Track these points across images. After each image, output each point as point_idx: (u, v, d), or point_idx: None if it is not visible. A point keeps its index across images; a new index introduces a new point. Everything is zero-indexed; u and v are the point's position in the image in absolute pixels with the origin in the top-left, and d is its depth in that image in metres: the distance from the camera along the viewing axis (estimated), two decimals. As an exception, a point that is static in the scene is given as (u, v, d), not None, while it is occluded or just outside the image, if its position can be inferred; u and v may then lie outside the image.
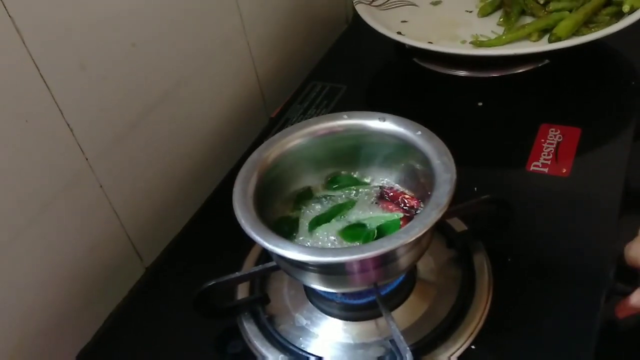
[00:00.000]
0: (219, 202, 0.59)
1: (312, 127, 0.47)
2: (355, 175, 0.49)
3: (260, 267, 0.46)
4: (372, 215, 0.46)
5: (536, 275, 0.49)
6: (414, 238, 0.37)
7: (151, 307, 0.53)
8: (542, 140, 0.61)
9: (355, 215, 0.46)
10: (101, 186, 0.52)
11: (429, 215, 0.38)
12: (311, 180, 0.49)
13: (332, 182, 0.49)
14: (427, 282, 0.48)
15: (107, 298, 0.55)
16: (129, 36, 0.53)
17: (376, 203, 0.47)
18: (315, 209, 0.47)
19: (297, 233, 0.46)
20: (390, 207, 0.47)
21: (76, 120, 0.49)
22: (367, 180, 0.49)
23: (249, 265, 0.52)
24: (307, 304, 0.48)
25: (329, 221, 0.45)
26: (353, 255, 0.37)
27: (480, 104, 0.68)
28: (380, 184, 0.49)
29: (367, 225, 0.45)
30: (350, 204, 0.47)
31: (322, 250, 0.40)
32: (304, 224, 0.46)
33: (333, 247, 0.43)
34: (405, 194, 0.47)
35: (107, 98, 0.52)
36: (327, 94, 0.73)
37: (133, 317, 0.53)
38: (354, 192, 0.48)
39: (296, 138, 0.47)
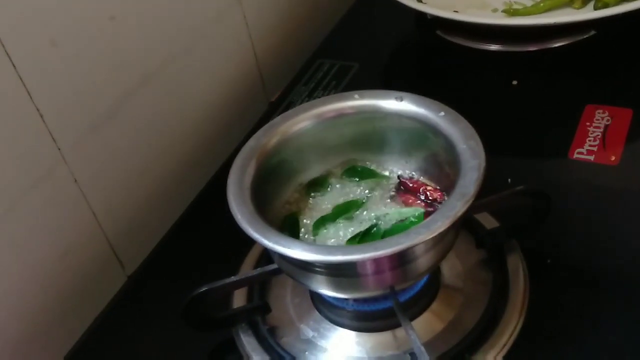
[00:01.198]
0: (212, 198, 0.60)
1: (318, 109, 0.48)
2: (372, 167, 0.50)
3: (260, 270, 0.47)
4: (387, 211, 0.47)
5: (579, 280, 0.49)
6: (436, 233, 0.38)
7: (134, 320, 0.54)
8: (587, 124, 0.61)
9: (367, 212, 0.47)
10: (76, 181, 0.53)
11: (454, 207, 0.39)
12: (317, 170, 0.49)
13: (349, 173, 0.50)
14: (452, 287, 0.49)
15: (83, 310, 0.56)
16: (107, 8, 0.53)
17: (393, 197, 0.48)
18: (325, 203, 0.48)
19: (301, 230, 0.46)
20: (411, 200, 0.47)
21: (47, 105, 0.49)
22: (385, 172, 0.49)
23: (246, 269, 0.52)
24: (314, 313, 0.49)
25: (334, 221, 0.46)
26: (366, 253, 0.37)
27: (514, 82, 0.68)
28: (398, 174, 0.49)
29: (381, 224, 0.45)
30: (358, 203, 0.47)
31: (330, 249, 0.41)
32: (310, 221, 0.47)
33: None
34: (427, 185, 0.48)
35: (82, 79, 0.52)
36: (336, 74, 0.74)
37: (113, 331, 0.54)
38: (371, 187, 0.49)
39: (300, 121, 0.47)
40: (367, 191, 0.48)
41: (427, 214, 0.45)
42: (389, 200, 0.48)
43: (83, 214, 0.55)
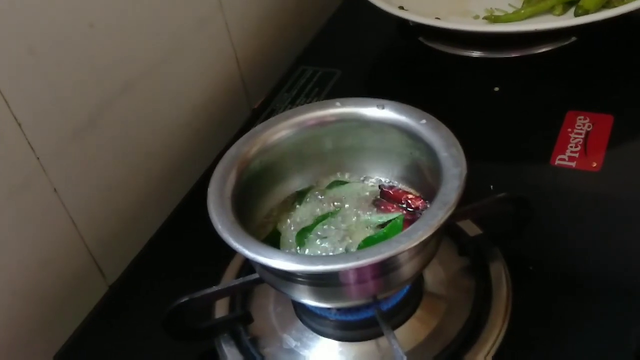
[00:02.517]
0: (194, 206, 0.60)
1: (299, 117, 0.48)
2: (353, 175, 0.50)
3: (242, 280, 0.47)
4: (368, 218, 0.47)
5: (562, 286, 0.49)
6: (417, 242, 0.38)
7: (116, 330, 0.54)
8: (569, 130, 0.61)
9: (347, 221, 0.47)
10: (55, 190, 0.53)
11: (435, 215, 0.39)
12: (299, 178, 0.49)
13: (331, 186, 0.50)
14: (435, 295, 0.49)
15: (64, 321, 0.55)
16: (86, 15, 0.53)
17: (373, 205, 0.47)
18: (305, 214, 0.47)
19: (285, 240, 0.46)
20: (392, 209, 0.47)
21: (25, 114, 0.49)
22: (367, 181, 0.49)
23: (228, 278, 0.52)
24: (297, 322, 0.48)
25: (310, 231, 0.46)
26: (347, 263, 0.37)
27: (496, 89, 0.68)
28: (379, 183, 0.49)
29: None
30: (335, 211, 0.47)
31: (312, 258, 0.40)
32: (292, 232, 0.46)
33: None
34: (408, 193, 0.48)
35: (61, 87, 0.52)
36: (319, 81, 0.74)
37: (95, 341, 0.53)
38: (351, 196, 0.48)
39: (281, 130, 0.47)
40: (347, 201, 0.48)
41: (408, 222, 0.45)
42: (370, 206, 0.48)
43: (63, 223, 0.55)
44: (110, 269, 0.59)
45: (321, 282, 0.41)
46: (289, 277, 0.41)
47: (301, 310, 0.48)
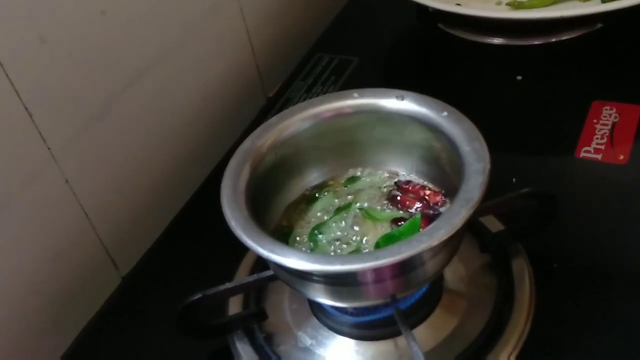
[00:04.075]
0: (208, 197, 0.58)
1: (315, 109, 0.46)
2: (365, 170, 0.49)
3: (256, 276, 0.46)
4: (382, 212, 0.46)
5: (587, 284, 0.48)
6: (439, 242, 0.37)
7: (128, 323, 0.53)
8: (595, 121, 0.59)
9: (360, 216, 0.46)
10: (67, 181, 0.52)
11: (458, 214, 0.37)
12: (314, 172, 0.48)
13: (348, 182, 0.49)
14: (456, 293, 0.48)
15: (76, 313, 0.55)
16: (98, 2, 0.52)
17: (389, 199, 0.46)
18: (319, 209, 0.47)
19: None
20: (408, 202, 0.46)
21: (36, 104, 0.48)
22: (385, 174, 0.48)
23: (242, 274, 0.51)
24: (312, 320, 0.47)
25: (322, 227, 0.45)
26: (365, 263, 0.36)
27: (519, 77, 0.67)
28: (395, 180, 0.48)
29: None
30: (347, 206, 0.46)
31: (328, 258, 0.39)
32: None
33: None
34: (427, 188, 0.46)
35: (72, 77, 0.51)
36: (336, 68, 0.72)
37: (107, 335, 0.53)
38: (366, 190, 0.48)
39: (297, 122, 0.46)
40: (362, 195, 0.47)
41: (427, 218, 0.44)
42: (383, 202, 0.47)
43: (75, 214, 0.54)
44: (123, 260, 0.59)
45: (338, 282, 0.40)
46: (304, 275, 0.40)
47: (317, 308, 0.48)
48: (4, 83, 0.46)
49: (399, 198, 0.46)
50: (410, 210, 0.45)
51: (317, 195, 0.48)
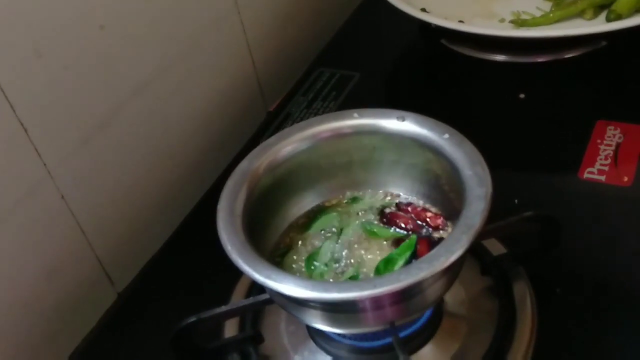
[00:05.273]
0: (206, 213, 0.57)
1: (314, 129, 0.46)
2: (364, 191, 0.48)
3: (252, 299, 0.45)
4: (377, 230, 0.45)
5: (591, 310, 0.47)
6: (439, 269, 0.36)
7: (125, 338, 0.53)
8: (598, 141, 0.59)
9: (355, 237, 0.45)
10: (63, 197, 0.52)
11: (459, 240, 0.37)
12: (313, 193, 0.47)
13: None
14: (456, 316, 0.47)
15: (71, 330, 0.54)
16: (96, 16, 0.52)
17: (384, 217, 0.46)
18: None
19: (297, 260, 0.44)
20: (402, 222, 0.45)
21: (31, 119, 0.48)
22: (385, 196, 0.48)
23: (239, 296, 0.50)
24: (310, 343, 0.46)
25: (317, 255, 0.44)
26: (363, 291, 0.35)
27: (522, 95, 0.66)
28: (396, 202, 0.47)
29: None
30: (344, 226, 0.46)
31: (325, 285, 0.38)
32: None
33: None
34: (428, 210, 0.46)
35: (69, 91, 0.51)
36: (337, 84, 0.72)
37: (102, 353, 0.52)
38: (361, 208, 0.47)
39: (295, 142, 0.45)
40: (358, 216, 0.47)
41: (425, 242, 0.43)
42: (379, 221, 0.46)
43: (71, 230, 0.53)
44: (118, 276, 0.58)
45: (335, 309, 0.39)
46: (301, 301, 0.39)
47: (314, 331, 0.47)
48: (-1, 98, 0.45)
49: (394, 215, 0.46)
50: (402, 229, 0.45)
51: (317, 216, 0.47)
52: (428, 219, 0.45)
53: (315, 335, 0.46)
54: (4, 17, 0.45)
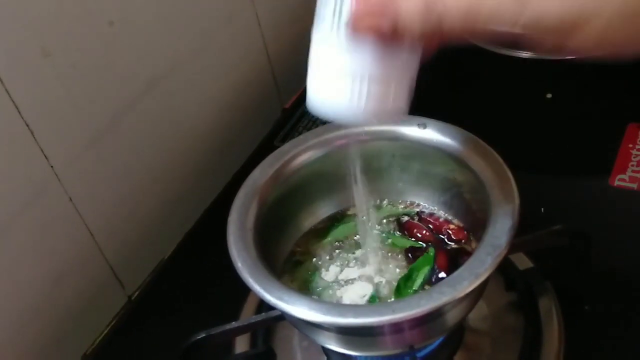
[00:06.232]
0: (217, 217, 0.57)
1: (330, 135, 0.44)
2: (383, 200, 0.47)
3: (264, 315, 0.44)
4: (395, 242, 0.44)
5: (621, 327, 0.45)
6: (462, 294, 0.34)
7: (136, 344, 0.52)
8: (630, 146, 0.57)
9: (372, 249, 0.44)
10: (71, 199, 0.51)
11: (484, 262, 0.35)
12: (328, 204, 0.46)
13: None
14: (478, 333, 0.45)
15: (82, 334, 0.54)
16: (105, 12, 0.51)
17: (402, 227, 0.44)
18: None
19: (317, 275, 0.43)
20: (419, 233, 0.44)
21: (38, 120, 0.47)
22: (403, 206, 0.46)
23: (250, 310, 0.49)
24: (323, 359, 0.45)
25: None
26: (382, 316, 0.33)
27: (549, 95, 0.64)
28: (417, 211, 0.46)
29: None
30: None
31: (341, 308, 0.36)
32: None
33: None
34: (450, 222, 0.44)
35: (77, 91, 0.50)
36: (355, 80, 0.70)
37: (115, 353, 0.52)
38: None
39: (309, 149, 0.44)
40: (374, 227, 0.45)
41: (443, 253, 0.41)
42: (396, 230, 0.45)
43: (80, 234, 0.53)
44: (129, 279, 0.58)
45: (351, 332, 0.37)
46: (315, 323, 0.37)
47: (329, 348, 0.44)
48: (3, 98, 0.44)
49: (412, 225, 0.44)
50: (419, 239, 0.44)
51: (334, 224, 0.46)
52: (450, 231, 0.43)
53: (330, 351, 0.45)
54: (10, 14, 0.44)
